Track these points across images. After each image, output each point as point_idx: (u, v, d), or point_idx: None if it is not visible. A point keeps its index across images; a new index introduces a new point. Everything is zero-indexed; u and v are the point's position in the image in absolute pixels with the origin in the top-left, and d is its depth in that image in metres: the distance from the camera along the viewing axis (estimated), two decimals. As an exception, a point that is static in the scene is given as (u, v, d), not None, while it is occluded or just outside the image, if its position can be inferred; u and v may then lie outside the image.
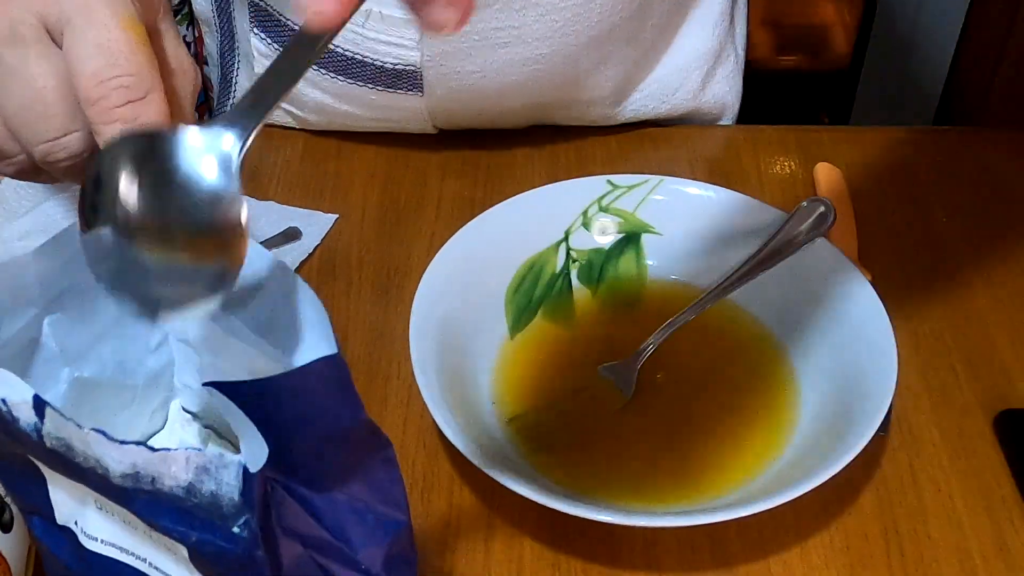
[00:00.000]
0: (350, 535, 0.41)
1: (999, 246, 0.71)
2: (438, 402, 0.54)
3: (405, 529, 0.44)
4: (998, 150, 0.78)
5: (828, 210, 0.64)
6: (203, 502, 0.35)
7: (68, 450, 0.36)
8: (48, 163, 0.42)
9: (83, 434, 0.35)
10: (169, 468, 0.34)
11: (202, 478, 0.34)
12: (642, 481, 0.56)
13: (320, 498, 0.40)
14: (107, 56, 0.41)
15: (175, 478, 0.34)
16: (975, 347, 0.64)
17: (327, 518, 0.40)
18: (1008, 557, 0.53)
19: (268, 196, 0.74)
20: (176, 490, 0.35)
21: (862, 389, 0.56)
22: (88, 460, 0.36)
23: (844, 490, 0.56)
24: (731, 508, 0.50)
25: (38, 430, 0.36)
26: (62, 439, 0.36)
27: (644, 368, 0.61)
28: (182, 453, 0.34)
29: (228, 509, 0.34)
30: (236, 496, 0.34)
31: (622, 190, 0.67)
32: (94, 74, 0.41)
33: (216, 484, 0.34)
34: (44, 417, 0.36)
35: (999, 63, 1.46)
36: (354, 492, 0.41)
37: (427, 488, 0.56)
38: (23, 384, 0.36)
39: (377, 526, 0.42)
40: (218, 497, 0.34)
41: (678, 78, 0.79)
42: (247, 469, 0.34)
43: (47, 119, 0.42)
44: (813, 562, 0.53)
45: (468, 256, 0.62)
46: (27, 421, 0.36)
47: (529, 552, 0.54)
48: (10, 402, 0.36)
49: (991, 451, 0.58)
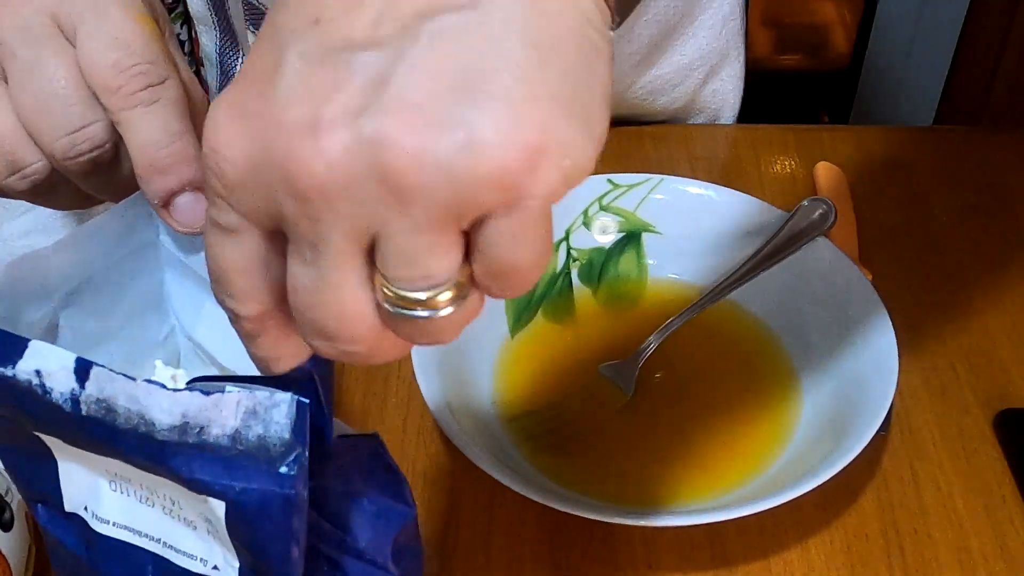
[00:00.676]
0: (351, 524, 0.41)
1: (999, 246, 0.71)
2: (438, 402, 0.54)
3: (411, 520, 0.44)
4: (998, 150, 0.78)
5: (828, 210, 0.64)
6: (249, 447, 0.34)
7: (108, 412, 0.36)
8: (71, 159, 0.42)
9: (132, 387, 0.35)
10: (220, 412, 0.34)
11: (249, 423, 0.34)
12: (642, 481, 0.56)
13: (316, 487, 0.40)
14: (124, 47, 0.41)
15: (223, 425, 0.34)
16: (975, 347, 0.64)
17: (325, 507, 0.40)
18: (1008, 557, 0.53)
19: (268, 195, 0.74)
20: (222, 439, 0.34)
21: (862, 389, 0.56)
22: (131, 419, 0.35)
23: (844, 490, 0.56)
24: (731, 508, 0.50)
25: (75, 398, 0.36)
26: (104, 401, 0.36)
27: (644, 368, 0.61)
28: (233, 395, 0.34)
29: (276, 450, 0.34)
30: (287, 434, 0.34)
31: (623, 189, 0.67)
32: (114, 64, 0.41)
33: (264, 427, 0.34)
34: (87, 380, 0.36)
35: (999, 63, 1.46)
36: (351, 483, 0.41)
37: (427, 488, 0.56)
38: (61, 351, 0.36)
39: (379, 516, 0.42)
40: (265, 439, 0.34)
41: (678, 76, 0.79)
42: (300, 401, 0.34)
43: (67, 109, 0.41)
44: (813, 562, 0.53)
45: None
46: (63, 390, 0.36)
47: (529, 552, 0.54)
48: (45, 372, 0.36)
49: (991, 450, 0.58)
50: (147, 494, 0.40)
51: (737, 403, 0.60)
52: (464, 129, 0.25)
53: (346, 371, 0.62)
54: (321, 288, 0.28)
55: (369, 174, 0.26)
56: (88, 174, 0.43)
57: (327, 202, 0.26)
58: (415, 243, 0.26)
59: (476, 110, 0.25)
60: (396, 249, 0.27)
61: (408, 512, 0.43)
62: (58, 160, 0.42)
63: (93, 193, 0.45)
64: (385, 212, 0.26)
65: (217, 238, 0.29)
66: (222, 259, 0.29)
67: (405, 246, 0.26)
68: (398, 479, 0.43)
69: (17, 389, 0.37)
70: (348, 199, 0.26)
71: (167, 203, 0.42)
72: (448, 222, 0.26)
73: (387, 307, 0.28)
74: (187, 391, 0.34)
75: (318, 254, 0.27)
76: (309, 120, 0.26)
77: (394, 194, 0.26)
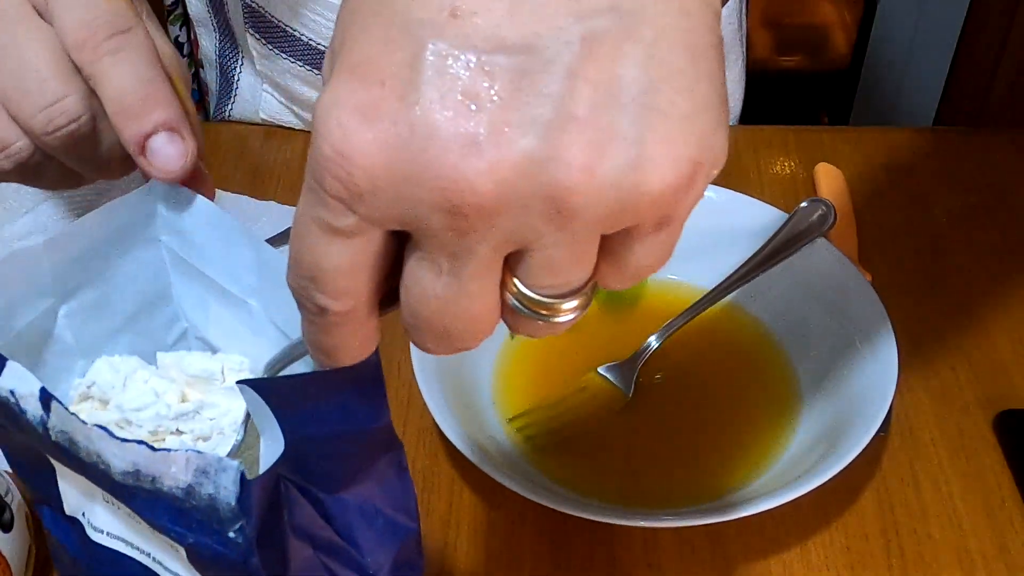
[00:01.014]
0: (359, 539, 0.41)
1: (999, 246, 0.71)
2: (438, 402, 0.54)
3: (413, 536, 0.44)
4: (998, 150, 0.78)
5: (828, 211, 0.64)
6: (201, 504, 0.35)
7: (72, 445, 0.36)
8: (49, 135, 0.42)
9: (86, 430, 0.35)
10: (169, 468, 0.34)
11: (201, 480, 0.34)
12: (642, 481, 0.56)
13: (332, 499, 0.40)
14: (89, 7, 0.42)
15: (175, 479, 0.34)
16: (975, 347, 0.64)
17: (337, 520, 0.40)
18: (1008, 557, 0.53)
19: (268, 196, 0.74)
20: (175, 491, 0.35)
21: (862, 389, 0.56)
22: (91, 456, 0.36)
23: (844, 490, 0.56)
24: (731, 508, 0.50)
25: (44, 423, 0.36)
26: (66, 433, 0.36)
27: (644, 368, 0.61)
28: (182, 454, 0.34)
29: (225, 513, 0.34)
30: (233, 501, 0.34)
31: (622, 190, 0.67)
32: (79, 20, 0.42)
33: (215, 488, 0.34)
34: (50, 411, 0.36)
35: (999, 63, 1.46)
36: (366, 495, 0.41)
37: (427, 488, 0.56)
38: (31, 376, 0.36)
39: (386, 531, 0.42)
40: (216, 501, 0.34)
41: None
42: (244, 475, 0.34)
43: (41, 84, 0.42)
44: (813, 562, 0.53)
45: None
46: (34, 414, 0.36)
47: (529, 552, 0.54)
48: (18, 394, 0.36)
49: (991, 451, 0.58)
50: (131, 512, 0.40)
51: (737, 404, 0.60)
52: (633, 147, 0.24)
53: (346, 371, 0.62)
54: (457, 297, 0.27)
55: (536, 191, 0.25)
56: (69, 148, 0.43)
57: (485, 218, 0.25)
58: (565, 255, 0.26)
59: (643, 126, 0.25)
60: (544, 260, 0.26)
61: (412, 528, 0.43)
62: (38, 136, 0.42)
63: (78, 169, 0.45)
64: (542, 227, 0.25)
65: (323, 239, 0.27)
66: (326, 260, 0.27)
67: (555, 257, 0.26)
68: (409, 494, 0.43)
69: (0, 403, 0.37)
70: (508, 215, 0.25)
71: (143, 149, 0.41)
72: (598, 234, 0.26)
73: (515, 306, 0.28)
74: (135, 443, 0.34)
75: (459, 265, 0.26)
76: (469, 134, 0.24)
77: (557, 210, 0.25)
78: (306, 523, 0.38)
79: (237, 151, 0.79)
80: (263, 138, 0.80)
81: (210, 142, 0.79)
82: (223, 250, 0.45)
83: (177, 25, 0.86)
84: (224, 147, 0.79)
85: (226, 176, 0.76)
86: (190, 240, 0.47)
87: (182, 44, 0.87)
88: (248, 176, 0.76)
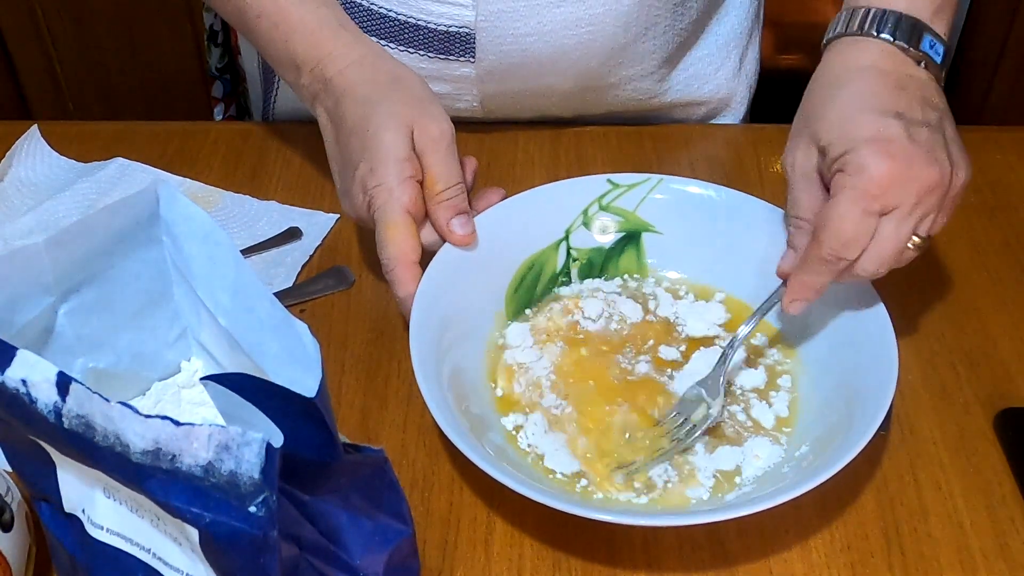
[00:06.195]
0: (346, 541, 0.41)
1: (999, 246, 0.71)
2: (438, 402, 0.54)
3: (407, 538, 0.44)
4: (998, 150, 0.78)
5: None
6: (220, 481, 0.34)
7: (87, 428, 0.36)
8: None
9: (108, 408, 0.35)
10: (191, 444, 0.34)
11: (222, 456, 0.34)
12: (643, 481, 0.56)
13: (315, 501, 0.40)
14: None
15: (195, 456, 0.34)
16: (975, 346, 0.64)
17: (321, 522, 0.40)
18: (1009, 556, 0.53)
19: (269, 196, 0.74)
20: (194, 469, 0.35)
21: (863, 388, 0.56)
22: (108, 437, 0.36)
23: (844, 490, 0.56)
24: (731, 508, 0.50)
25: (57, 410, 0.36)
26: (83, 417, 0.36)
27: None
28: (205, 428, 0.34)
29: (246, 488, 0.34)
30: (256, 474, 0.34)
31: (622, 189, 0.67)
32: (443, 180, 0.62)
33: (236, 462, 0.34)
34: (67, 394, 0.36)
35: (999, 63, 1.46)
36: (350, 500, 0.41)
37: (427, 488, 0.56)
38: (45, 363, 0.36)
39: (376, 533, 0.42)
40: (236, 476, 0.34)
41: (719, 57, 0.81)
42: (270, 445, 0.34)
43: None
44: (813, 561, 0.53)
45: (468, 255, 0.62)
46: (46, 401, 0.36)
47: (529, 552, 0.54)
48: (30, 382, 0.36)
49: (991, 449, 0.58)
50: (136, 505, 0.40)
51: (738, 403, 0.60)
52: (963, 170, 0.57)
53: (347, 371, 0.62)
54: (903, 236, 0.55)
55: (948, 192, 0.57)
56: None
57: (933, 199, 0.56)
58: (942, 220, 0.57)
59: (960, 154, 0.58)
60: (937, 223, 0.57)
61: (405, 531, 0.43)
62: None
63: None
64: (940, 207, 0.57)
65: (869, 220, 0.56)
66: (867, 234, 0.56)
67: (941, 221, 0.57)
68: (398, 497, 0.43)
69: (6, 395, 0.37)
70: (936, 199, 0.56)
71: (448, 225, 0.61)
72: None
73: (911, 246, 0.56)
74: (158, 419, 0.34)
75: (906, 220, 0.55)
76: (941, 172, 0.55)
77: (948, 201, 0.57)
78: (288, 523, 0.38)
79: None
80: (262, 138, 0.80)
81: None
82: (207, 265, 0.45)
83: (214, 14, 0.86)
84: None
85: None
86: (180, 248, 0.47)
87: (217, 32, 0.87)
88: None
